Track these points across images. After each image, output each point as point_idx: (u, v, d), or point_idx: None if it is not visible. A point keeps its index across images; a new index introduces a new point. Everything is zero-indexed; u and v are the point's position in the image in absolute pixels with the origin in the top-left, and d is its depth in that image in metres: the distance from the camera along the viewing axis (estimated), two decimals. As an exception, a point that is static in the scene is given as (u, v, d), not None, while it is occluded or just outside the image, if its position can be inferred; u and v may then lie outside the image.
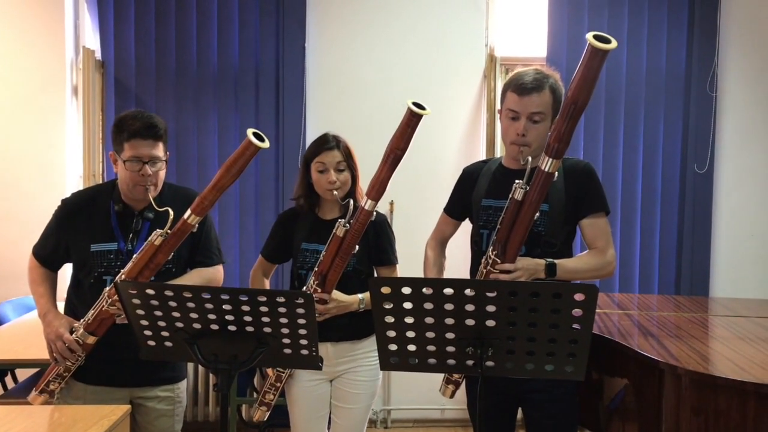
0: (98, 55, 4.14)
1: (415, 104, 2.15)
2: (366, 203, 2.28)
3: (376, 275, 2.58)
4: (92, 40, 4.19)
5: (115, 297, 2.11)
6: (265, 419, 2.48)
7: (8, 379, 3.45)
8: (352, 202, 2.36)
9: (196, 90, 4.18)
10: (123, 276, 2.18)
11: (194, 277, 2.39)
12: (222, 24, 4.17)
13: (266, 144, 2.09)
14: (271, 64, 4.18)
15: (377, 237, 2.52)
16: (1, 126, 4.02)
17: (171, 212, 2.15)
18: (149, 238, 2.18)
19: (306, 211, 2.54)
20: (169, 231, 2.17)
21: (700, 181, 4.23)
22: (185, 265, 2.40)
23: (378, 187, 2.26)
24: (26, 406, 2.14)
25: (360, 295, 2.43)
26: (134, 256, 2.20)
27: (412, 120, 2.17)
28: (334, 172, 2.44)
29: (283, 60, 4.15)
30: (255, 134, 2.08)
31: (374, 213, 2.35)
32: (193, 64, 4.17)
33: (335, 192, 2.42)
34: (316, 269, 2.36)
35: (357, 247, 2.34)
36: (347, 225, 2.31)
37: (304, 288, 2.40)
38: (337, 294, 2.38)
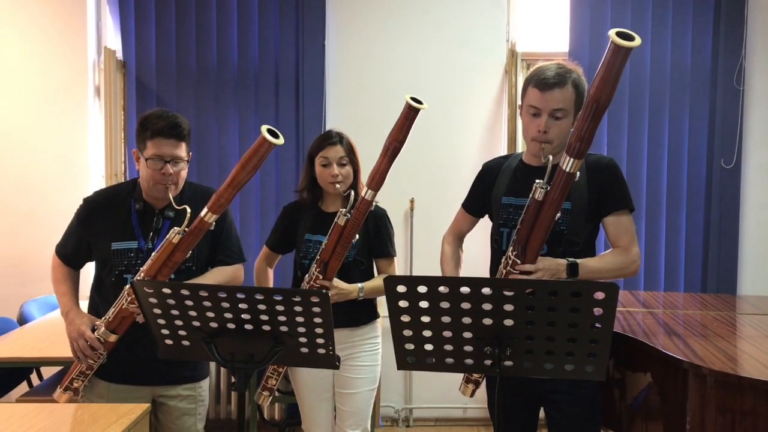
0: (119, 55, 4.18)
1: (414, 99, 2.25)
2: (366, 193, 2.38)
3: (375, 267, 2.69)
4: (114, 40, 4.22)
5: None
6: (268, 404, 2.61)
7: (33, 377, 3.49)
8: (352, 193, 2.47)
9: (216, 89, 4.19)
10: (142, 274, 2.19)
11: (215, 275, 2.39)
12: (242, 23, 4.18)
13: (281, 141, 2.08)
14: (291, 63, 4.18)
15: (377, 230, 2.63)
16: (24, 126, 4.08)
17: (188, 210, 2.16)
18: (167, 236, 2.18)
19: (309, 203, 2.66)
20: (186, 229, 2.17)
21: (727, 177, 4.15)
22: (206, 264, 2.40)
23: (377, 178, 2.36)
24: (48, 404, 2.16)
25: (360, 284, 2.54)
26: (153, 254, 2.20)
27: (410, 114, 2.27)
28: (337, 166, 2.55)
29: (303, 58, 4.15)
30: (269, 131, 2.08)
31: (374, 204, 2.45)
32: (214, 63, 4.19)
33: (337, 185, 2.53)
34: (318, 257, 2.47)
35: (357, 236, 2.45)
36: (348, 215, 2.42)
37: (307, 276, 2.49)
38: (337, 282, 2.49)
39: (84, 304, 2.41)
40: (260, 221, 4.24)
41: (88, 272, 2.45)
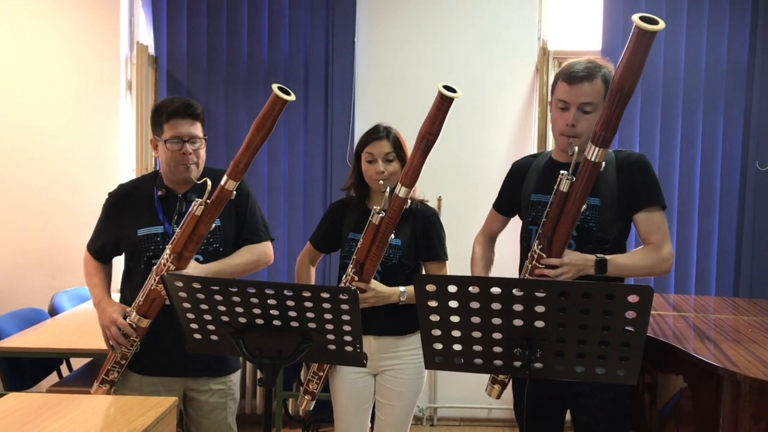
0: (152, 50, 4.22)
1: (446, 87, 2.10)
2: (400, 190, 2.25)
3: (424, 271, 2.55)
4: (146, 35, 4.26)
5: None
6: (311, 408, 2.50)
7: (63, 368, 3.54)
8: (388, 189, 2.33)
9: (246, 85, 4.21)
10: (168, 250, 2.20)
11: (244, 253, 2.40)
12: (272, 19, 4.19)
13: (292, 97, 2.07)
14: (321, 60, 4.18)
15: (425, 231, 2.48)
16: (57, 120, 4.13)
17: (209, 182, 2.18)
18: (190, 209, 2.20)
19: (356, 201, 2.54)
20: (208, 200, 2.18)
21: (762, 179, 4.06)
22: (233, 246, 2.41)
23: (411, 174, 2.23)
24: (77, 395, 2.18)
25: (402, 288, 2.40)
26: (176, 230, 2.21)
27: (442, 104, 2.13)
28: (383, 162, 2.42)
29: (332, 55, 4.15)
30: (280, 88, 2.06)
31: (423, 202, 2.35)
32: (244, 59, 4.21)
33: (381, 183, 2.40)
34: (354, 257, 2.35)
35: (400, 239, 2.34)
36: (382, 213, 2.29)
37: (343, 276, 2.39)
38: (375, 284, 2.36)
39: (116, 299, 2.42)
40: (288, 216, 4.25)
41: (120, 268, 2.47)
